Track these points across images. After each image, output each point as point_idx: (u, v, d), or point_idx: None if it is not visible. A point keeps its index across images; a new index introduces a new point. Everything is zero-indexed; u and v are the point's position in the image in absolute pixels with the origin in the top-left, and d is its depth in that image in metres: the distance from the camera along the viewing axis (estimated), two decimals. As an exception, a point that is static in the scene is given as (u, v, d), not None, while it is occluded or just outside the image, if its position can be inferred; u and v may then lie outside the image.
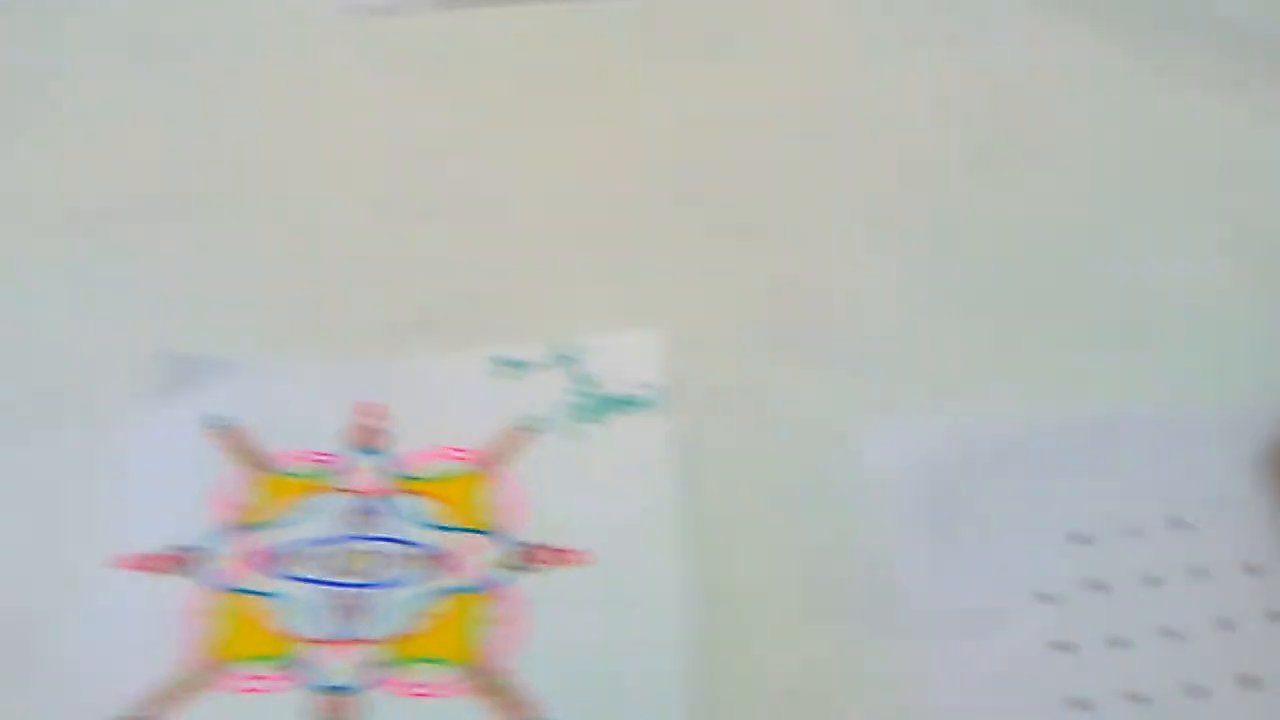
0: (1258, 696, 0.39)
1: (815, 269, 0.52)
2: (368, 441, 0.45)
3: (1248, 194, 0.52)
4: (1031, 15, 0.61)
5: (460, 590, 0.41)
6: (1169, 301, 0.50)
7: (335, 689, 0.39)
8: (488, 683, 0.39)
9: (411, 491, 0.44)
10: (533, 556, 0.42)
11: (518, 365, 0.47)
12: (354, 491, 0.44)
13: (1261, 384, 0.46)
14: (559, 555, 0.42)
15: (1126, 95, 0.58)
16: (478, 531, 0.43)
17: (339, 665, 0.39)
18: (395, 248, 0.53)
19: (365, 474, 0.44)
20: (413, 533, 0.43)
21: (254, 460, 0.44)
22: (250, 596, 0.41)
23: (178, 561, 0.42)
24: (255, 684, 0.39)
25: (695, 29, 0.62)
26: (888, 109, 0.58)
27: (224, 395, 0.47)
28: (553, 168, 0.56)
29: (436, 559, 0.42)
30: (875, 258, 0.52)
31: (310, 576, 0.41)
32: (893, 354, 0.49)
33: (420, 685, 0.39)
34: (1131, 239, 0.52)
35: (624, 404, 0.45)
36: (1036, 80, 0.58)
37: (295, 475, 0.44)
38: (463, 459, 0.44)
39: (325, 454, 0.45)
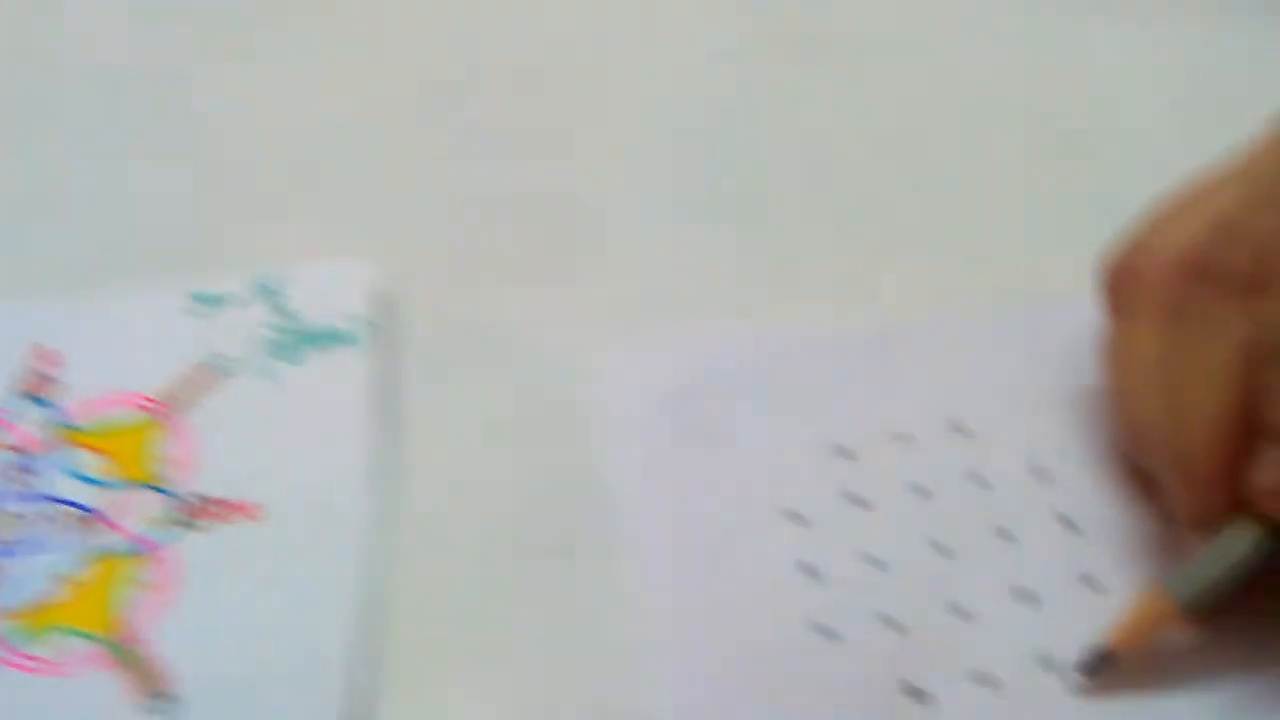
0: (1034, 610, 0.33)
1: (567, 186, 0.46)
2: (39, 390, 0.39)
3: (1047, 94, 0.46)
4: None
5: (111, 552, 0.35)
6: (954, 206, 0.45)
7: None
8: (124, 655, 0.33)
9: (75, 444, 0.38)
10: (198, 512, 0.36)
11: (213, 301, 0.41)
12: (13, 448, 0.37)
13: (1053, 286, 0.40)
14: (227, 510, 0.35)
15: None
16: (143, 486, 0.37)
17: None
18: (86, 178, 0.47)
19: (29, 427, 0.38)
20: (69, 490, 0.36)
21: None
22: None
23: None
24: None
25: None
26: (654, 6, 0.51)
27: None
28: (261, 90, 0.50)
29: (89, 519, 0.36)
30: (633, 171, 0.46)
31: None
32: (651, 274, 0.43)
33: (43, 659, 0.32)
34: (915, 143, 0.47)
35: (326, 339, 0.39)
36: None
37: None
38: (139, 406, 0.38)
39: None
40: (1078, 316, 0.37)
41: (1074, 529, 0.35)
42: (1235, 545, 0.31)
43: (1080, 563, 0.34)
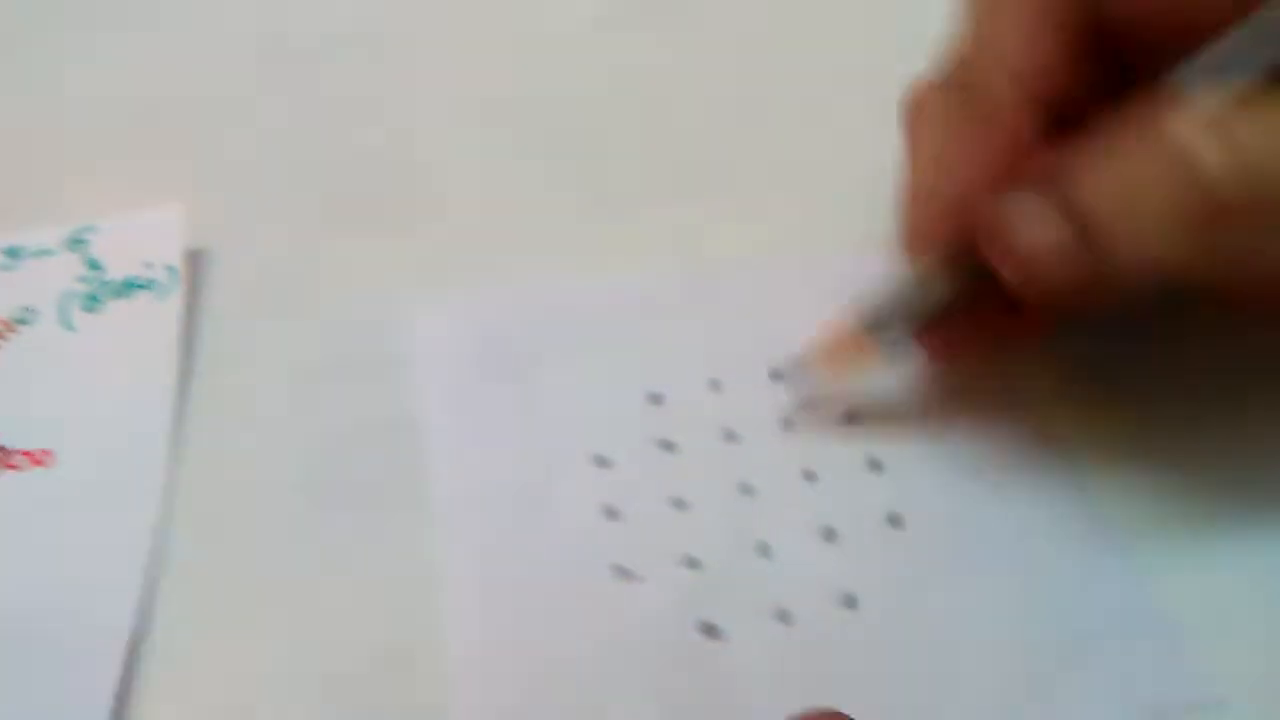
0: (835, 548, 0.33)
1: (394, 147, 0.45)
2: None
3: (885, 61, 0.46)
4: None
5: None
6: (789, 166, 0.45)
7: None
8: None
9: None
10: (-12, 460, 0.34)
11: (24, 254, 0.39)
12: None
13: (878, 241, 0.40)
14: (6, 457, 0.34)
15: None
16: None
17: None
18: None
19: None
20: None
21: None
22: None
23: None
24: None
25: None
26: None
27: None
28: (93, 49, 0.49)
29: None
30: (460, 132, 0.46)
31: None
32: (469, 231, 0.42)
33: None
34: (752, 105, 0.47)
35: (130, 288, 0.38)
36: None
37: None
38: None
39: None
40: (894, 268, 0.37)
41: (880, 470, 0.35)
42: (922, 279, 0.34)
43: (885, 503, 0.34)
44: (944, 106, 0.34)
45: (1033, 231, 0.30)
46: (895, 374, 0.36)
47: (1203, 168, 0.28)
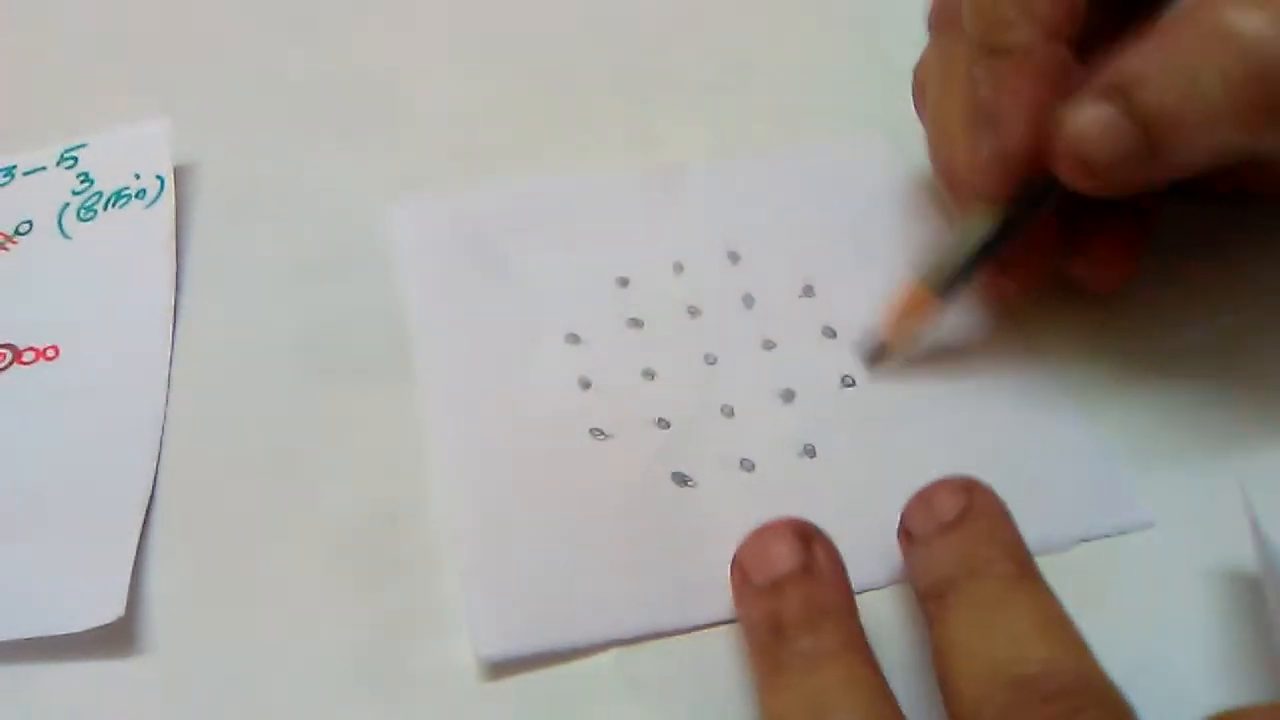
0: (791, 407, 0.36)
1: (367, 64, 0.48)
2: None
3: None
4: None
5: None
6: (742, 71, 0.48)
7: None
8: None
9: None
10: (-2, 357, 0.36)
11: (21, 172, 0.42)
12: None
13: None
14: (17, 354, 0.36)
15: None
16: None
17: None
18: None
19: None
20: None
21: None
22: None
23: None
24: None
25: None
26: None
27: None
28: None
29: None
30: (427, 49, 0.49)
31: None
32: (445, 137, 0.45)
33: None
34: (707, 14, 0.50)
35: (121, 198, 0.41)
36: None
37: None
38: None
39: None
40: (838, 158, 0.42)
41: (834, 337, 0.37)
42: (977, 227, 0.35)
43: (839, 366, 0.37)
44: (967, 64, 0.34)
45: (1101, 135, 0.31)
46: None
47: (1255, 44, 0.28)
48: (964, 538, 0.28)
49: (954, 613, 0.27)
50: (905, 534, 0.30)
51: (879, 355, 0.36)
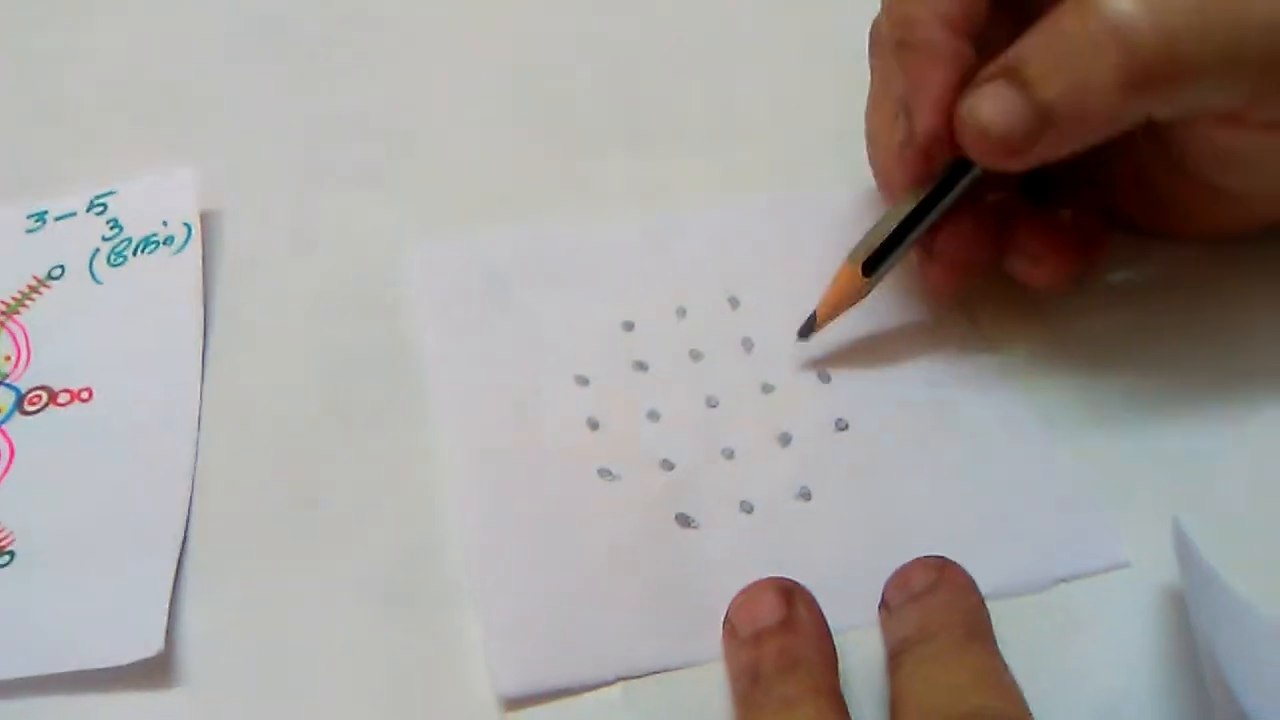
0: (788, 450, 0.38)
1: (383, 109, 0.50)
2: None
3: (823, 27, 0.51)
4: None
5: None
6: (739, 118, 0.50)
7: None
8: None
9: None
10: (34, 400, 0.38)
11: (52, 219, 0.44)
12: None
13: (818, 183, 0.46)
14: (58, 394, 0.38)
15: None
16: (-19, 382, 0.39)
17: None
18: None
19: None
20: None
21: None
22: None
23: None
24: None
25: None
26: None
27: None
28: (98, 26, 0.53)
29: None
30: (442, 94, 0.51)
31: None
32: (458, 182, 0.47)
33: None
34: (707, 63, 0.52)
35: (149, 244, 0.43)
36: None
37: None
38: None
39: None
40: (836, 205, 0.44)
41: (828, 381, 0.40)
42: (899, 210, 0.38)
43: (833, 410, 0.39)
44: (887, 60, 0.39)
45: (996, 109, 0.35)
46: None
47: (1128, 24, 0.32)
48: (926, 606, 0.31)
49: (905, 668, 0.30)
50: (884, 605, 0.33)
51: (808, 328, 0.39)
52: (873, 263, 0.38)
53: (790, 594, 0.32)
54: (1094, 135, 0.35)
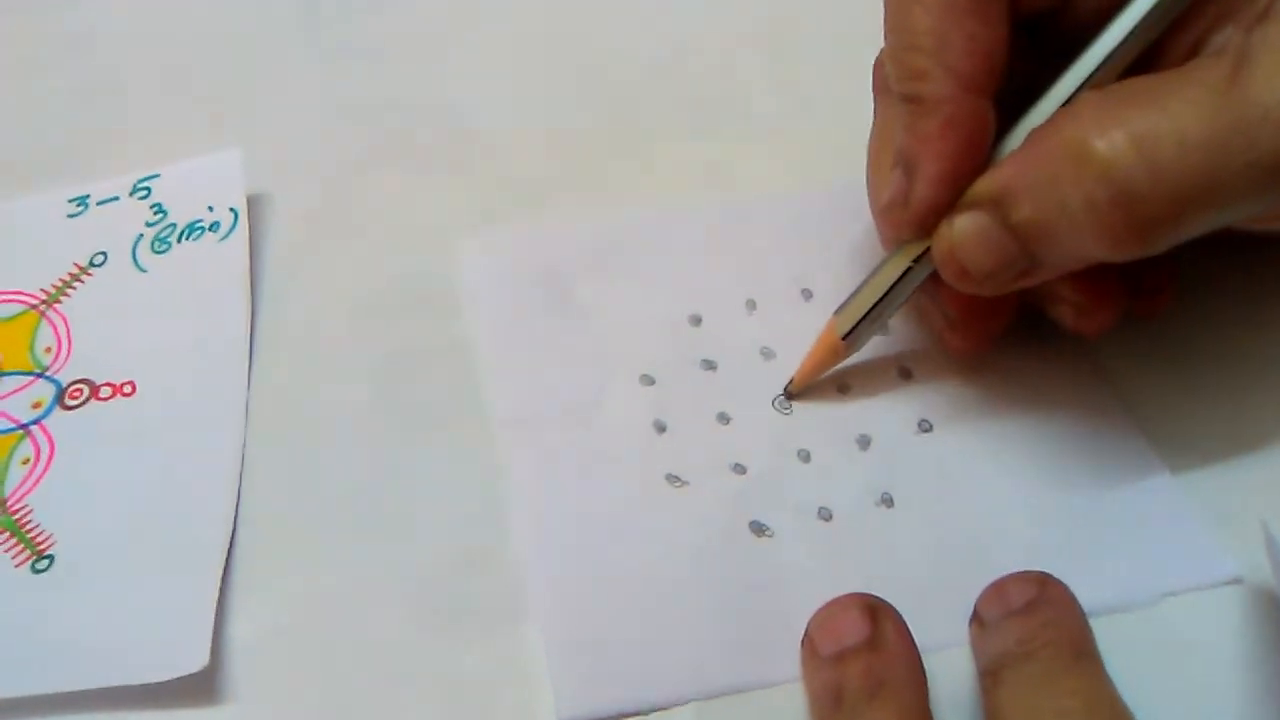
0: (866, 452, 0.36)
1: (435, 92, 0.48)
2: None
3: None
4: None
5: (-6, 435, 0.36)
6: (805, 105, 0.47)
7: None
8: (7, 524, 0.34)
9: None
10: (76, 394, 0.37)
11: (95, 203, 0.42)
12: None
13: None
14: (100, 389, 0.37)
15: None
16: (24, 374, 0.37)
17: None
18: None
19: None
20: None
21: None
22: None
23: None
24: None
25: None
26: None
27: None
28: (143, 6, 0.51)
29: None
30: (498, 76, 0.48)
31: None
32: (515, 168, 0.45)
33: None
34: (774, 48, 0.50)
35: (194, 230, 0.41)
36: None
37: None
38: (21, 302, 0.39)
39: None
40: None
41: (910, 378, 0.37)
42: (886, 274, 0.35)
43: (915, 410, 0.36)
44: (891, 103, 0.35)
45: (976, 243, 0.32)
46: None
47: (1115, 166, 0.29)
48: (1026, 622, 0.29)
49: (1005, 689, 0.28)
50: (977, 620, 0.30)
51: (791, 392, 0.37)
52: (851, 329, 0.36)
53: (876, 611, 0.30)
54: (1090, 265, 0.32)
